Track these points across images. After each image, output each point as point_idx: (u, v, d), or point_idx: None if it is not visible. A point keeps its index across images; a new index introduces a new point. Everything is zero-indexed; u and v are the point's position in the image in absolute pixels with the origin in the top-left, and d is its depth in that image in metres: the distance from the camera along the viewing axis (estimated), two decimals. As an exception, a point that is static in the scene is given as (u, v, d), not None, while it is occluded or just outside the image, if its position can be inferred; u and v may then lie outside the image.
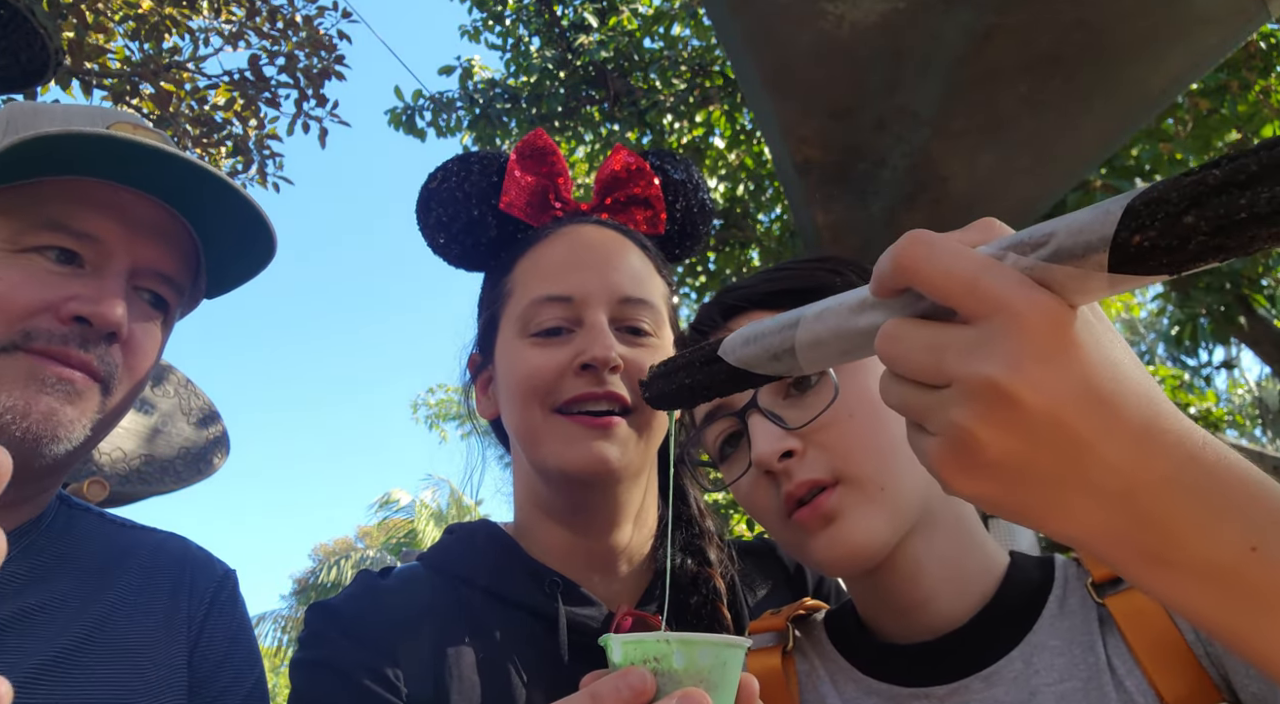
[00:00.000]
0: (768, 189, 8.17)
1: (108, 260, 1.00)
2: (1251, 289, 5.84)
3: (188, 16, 6.27)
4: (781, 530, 0.92)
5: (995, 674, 0.86)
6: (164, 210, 1.06)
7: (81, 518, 1.11)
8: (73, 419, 0.97)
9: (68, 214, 0.99)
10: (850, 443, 0.88)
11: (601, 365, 1.06)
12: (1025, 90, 2.62)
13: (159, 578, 1.09)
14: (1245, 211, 0.38)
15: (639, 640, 0.65)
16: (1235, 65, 5.89)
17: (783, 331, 0.60)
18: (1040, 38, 2.47)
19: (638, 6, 8.66)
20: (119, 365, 1.01)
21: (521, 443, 1.12)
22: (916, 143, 2.82)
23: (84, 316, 0.96)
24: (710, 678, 0.64)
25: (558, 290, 1.10)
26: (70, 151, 0.97)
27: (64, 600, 0.99)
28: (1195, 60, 2.54)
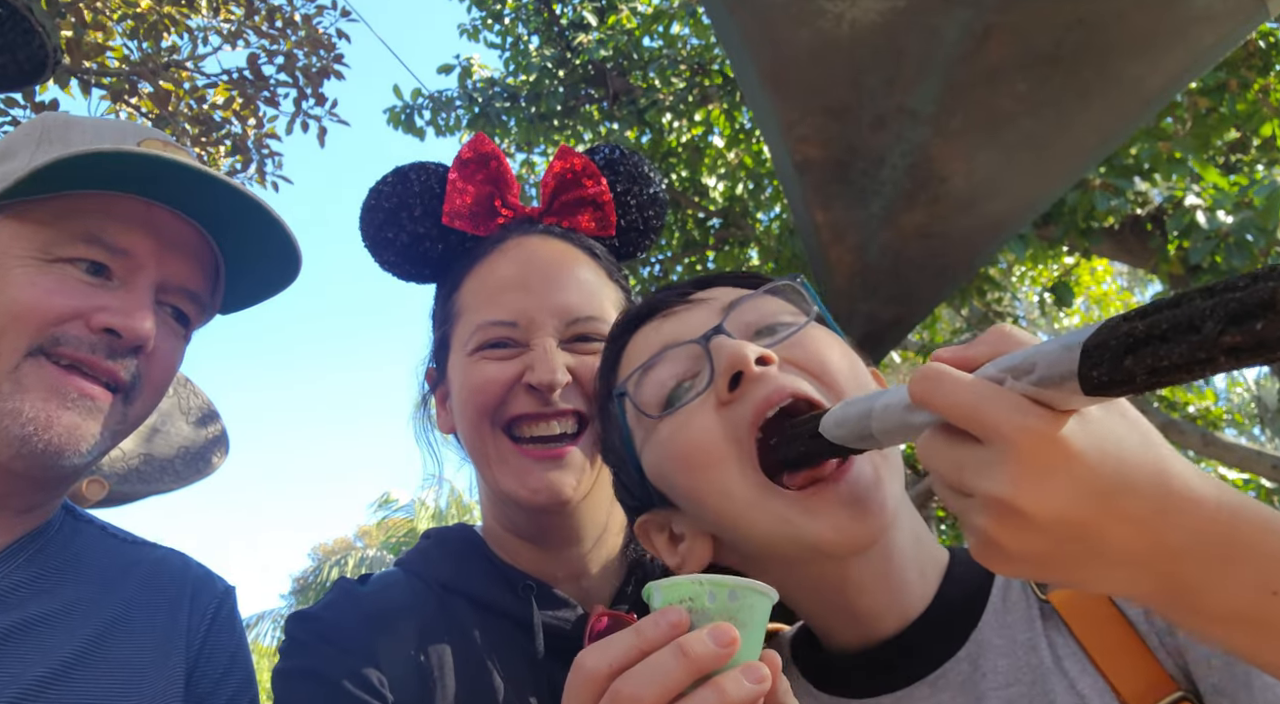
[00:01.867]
0: (767, 188, 8.17)
1: (137, 274, 1.03)
2: (1250, 288, 5.83)
3: (186, 15, 6.27)
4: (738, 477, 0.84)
5: (942, 678, 0.85)
6: (192, 228, 1.09)
7: (85, 529, 1.13)
8: (92, 434, 0.99)
9: (103, 228, 1.01)
10: (826, 357, 0.88)
11: (548, 389, 1.05)
12: (1024, 89, 2.62)
13: (159, 595, 1.10)
14: (1165, 361, 0.48)
15: (675, 583, 0.70)
16: (1234, 64, 5.89)
17: (860, 421, 0.71)
18: (1039, 37, 2.47)
19: (637, 5, 8.65)
20: (142, 377, 1.04)
21: (476, 463, 1.13)
22: (916, 141, 2.82)
23: (114, 328, 0.99)
24: (739, 617, 0.68)
25: (503, 316, 1.09)
26: (106, 167, 1.00)
27: (66, 612, 1.00)
28: (1194, 59, 2.54)
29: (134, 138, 1.08)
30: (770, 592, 0.72)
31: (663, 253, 8.81)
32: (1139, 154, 5.98)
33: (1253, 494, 7.01)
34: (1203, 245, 5.42)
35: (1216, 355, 0.46)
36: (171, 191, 1.05)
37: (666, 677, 0.65)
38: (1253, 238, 5.30)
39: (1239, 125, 6.25)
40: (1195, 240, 5.46)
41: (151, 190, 1.04)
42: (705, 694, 0.64)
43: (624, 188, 1.24)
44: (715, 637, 0.66)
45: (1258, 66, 6.01)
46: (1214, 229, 5.39)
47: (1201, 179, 5.73)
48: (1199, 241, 5.43)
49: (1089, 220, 6.07)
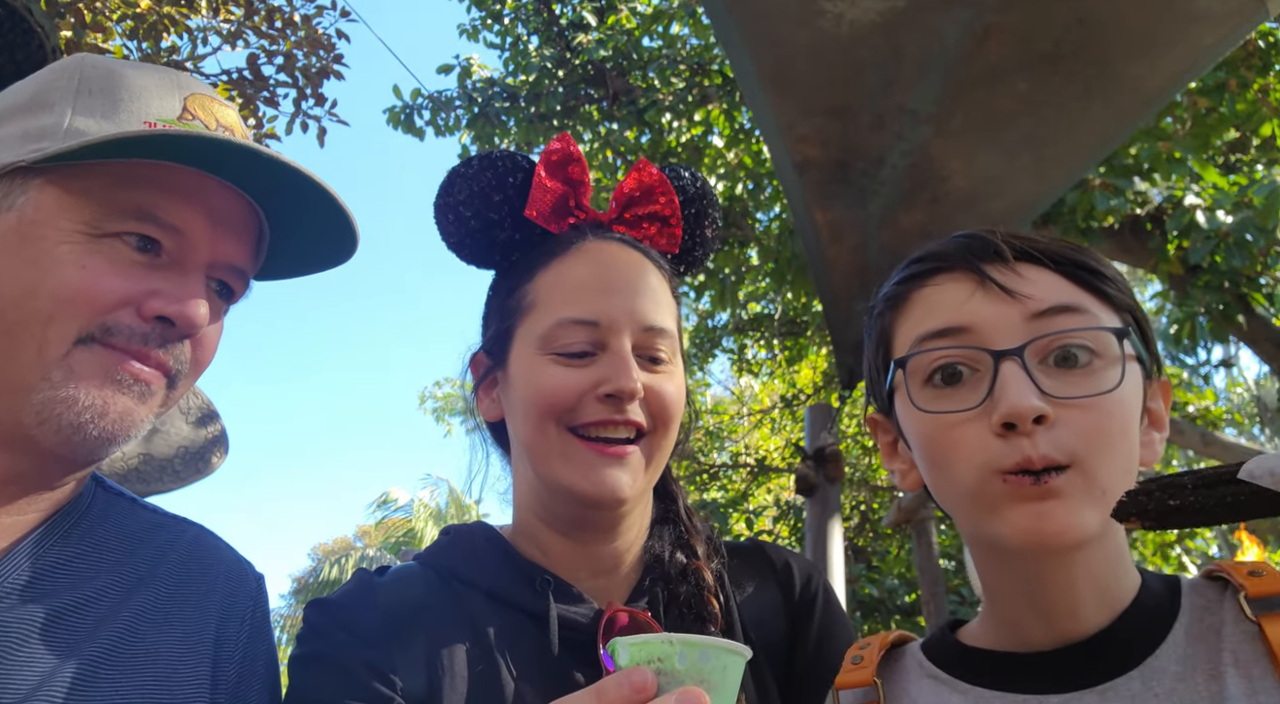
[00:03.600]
0: (766, 187, 8.17)
1: (190, 254, 0.99)
2: (1250, 288, 5.84)
3: (186, 15, 6.27)
4: (978, 481, 0.89)
5: (1111, 690, 0.86)
6: (244, 202, 1.05)
7: (116, 503, 1.09)
8: (143, 418, 0.97)
9: (156, 204, 0.96)
10: (1102, 437, 0.88)
11: (628, 398, 1.08)
12: (1024, 89, 2.62)
13: (188, 586, 1.06)
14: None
15: (644, 642, 0.67)
16: (1234, 64, 5.89)
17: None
18: (1039, 36, 2.47)
19: (636, 5, 8.65)
20: (189, 361, 1.01)
21: (531, 456, 1.13)
22: (915, 141, 2.82)
23: (168, 316, 0.95)
24: (710, 679, 0.65)
25: (584, 314, 1.11)
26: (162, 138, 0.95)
27: (98, 599, 0.97)
28: (1194, 59, 2.54)
29: (179, 92, 1.03)
30: (743, 650, 0.69)
31: (662, 253, 8.79)
32: (1139, 154, 5.98)
33: (1252, 494, 6.94)
34: (1202, 245, 5.42)
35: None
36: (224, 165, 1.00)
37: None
38: (1252, 238, 5.30)
39: (1239, 125, 6.25)
40: (1195, 240, 5.46)
41: (203, 161, 0.99)
42: None
43: (696, 210, 1.28)
44: (683, 702, 0.63)
45: (1258, 66, 6.01)
46: (1213, 229, 5.39)
47: (1201, 179, 5.73)
48: (1199, 241, 5.43)
49: (1089, 220, 6.07)
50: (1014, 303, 0.91)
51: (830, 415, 5.07)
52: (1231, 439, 7.18)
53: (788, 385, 12.73)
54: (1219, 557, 11.88)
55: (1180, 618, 0.90)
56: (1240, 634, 0.85)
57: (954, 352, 0.93)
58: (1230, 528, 10.56)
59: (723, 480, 13.33)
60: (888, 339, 1.02)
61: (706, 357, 10.68)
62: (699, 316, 10.80)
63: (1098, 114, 2.71)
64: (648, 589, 1.15)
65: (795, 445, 12.44)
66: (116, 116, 0.97)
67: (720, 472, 13.44)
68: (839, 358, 4.20)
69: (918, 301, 0.98)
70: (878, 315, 1.04)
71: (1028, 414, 0.85)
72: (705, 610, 1.11)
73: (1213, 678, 0.83)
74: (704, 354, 10.60)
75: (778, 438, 13.98)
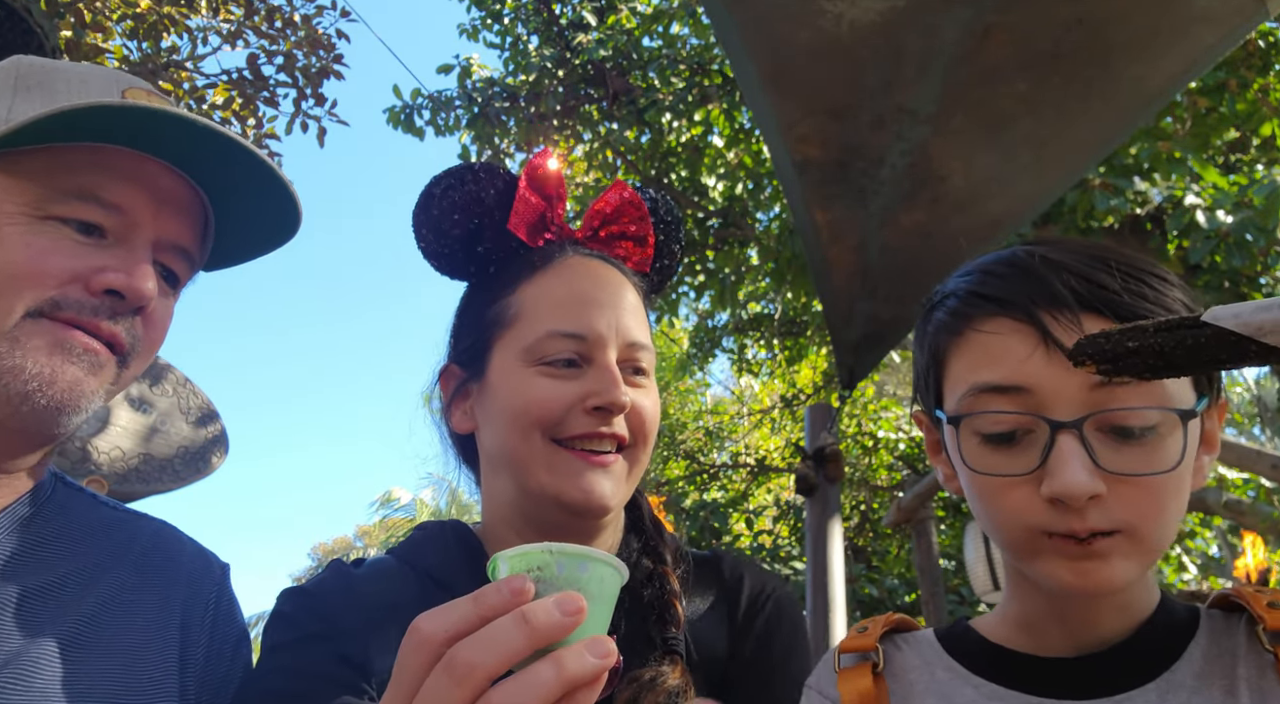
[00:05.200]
0: (766, 187, 8.16)
1: (134, 233, 0.99)
2: (1250, 288, 5.85)
3: (186, 15, 6.27)
4: (1023, 536, 0.89)
5: (1128, 701, 0.87)
6: (184, 182, 1.05)
7: (77, 498, 1.09)
8: (93, 390, 0.96)
9: (97, 184, 0.97)
10: (1153, 508, 0.87)
11: (617, 410, 1.09)
12: (1024, 89, 2.62)
13: (151, 576, 1.06)
14: None
15: (524, 552, 0.67)
16: (1234, 64, 5.89)
17: None
18: (1039, 36, 2.47)
19: (636, 5, 8.65)
20: (139, 339, 1.01)
21: (514, 466, 1.12)
22: (915, 141, 2.82)
23: (117, 289, 0.96)
24: (588, 589, 0.66)
25: (571, 327, 1.12)
26: (98, 118, 0.96)
27: (60, 586, 0.97)
28: (1194, 59, 2.54)
29: (118, 86, 1.04)
30: (622, 568, 0.69)
31: (662, 253, 8.79)
32: (1139, 154, 5.98)
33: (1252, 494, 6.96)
34: (1202, 245, 5.42)
35: None
36: (163, 143, 1.01)
37: (506, 644, 0.62)
38: (1252, 237, 5.30)
39: (1239, 125, 6.25)
40: (1195, 240, 5.45)
41: (142, 142, 1.00)
42: (543, 667, 0.61)
43: (665, 236, 1.30)
44: (561, 606, 0.63)
45: (1258, 66, 6.01)
46: (1214, 229, 5.39)
47: (1201, 179, 5.73)
48: (1199, 241, 5.43)
49: (1089, 220, 6.07)
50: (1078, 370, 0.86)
51: (830, 415, 5.06)
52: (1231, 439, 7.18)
53: (788, 385, 12.74)
54: (1219, 557, 11.88)
55: (1198, 639, 0.91)
56: (1256, 664, 0.86)
57: (1010, 416, 0.89)
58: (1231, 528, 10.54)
59: (723, 480, 13.33)
60: (941, 363, 0.99)
61: (706, 357, 10.67)
62: (699, 317, 10.80)
63: (1098, 114, 2.71)
64: None
65: (795, 445, 12.44)
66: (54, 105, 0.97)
67: (720, 472, 13.44)
68: (839, 358, 4.20)
69: (976, 343, 0.93)
70: (933, 332, 1.00)
71: (1080, 497, 0.84)
72: (669, 614, 1.09)
73: (1229, 693, 0.84)
74: (704, 354, 10.60)
75: (778, 438, 13.98)
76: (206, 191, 1.08)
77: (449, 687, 0.61)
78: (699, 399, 16.08)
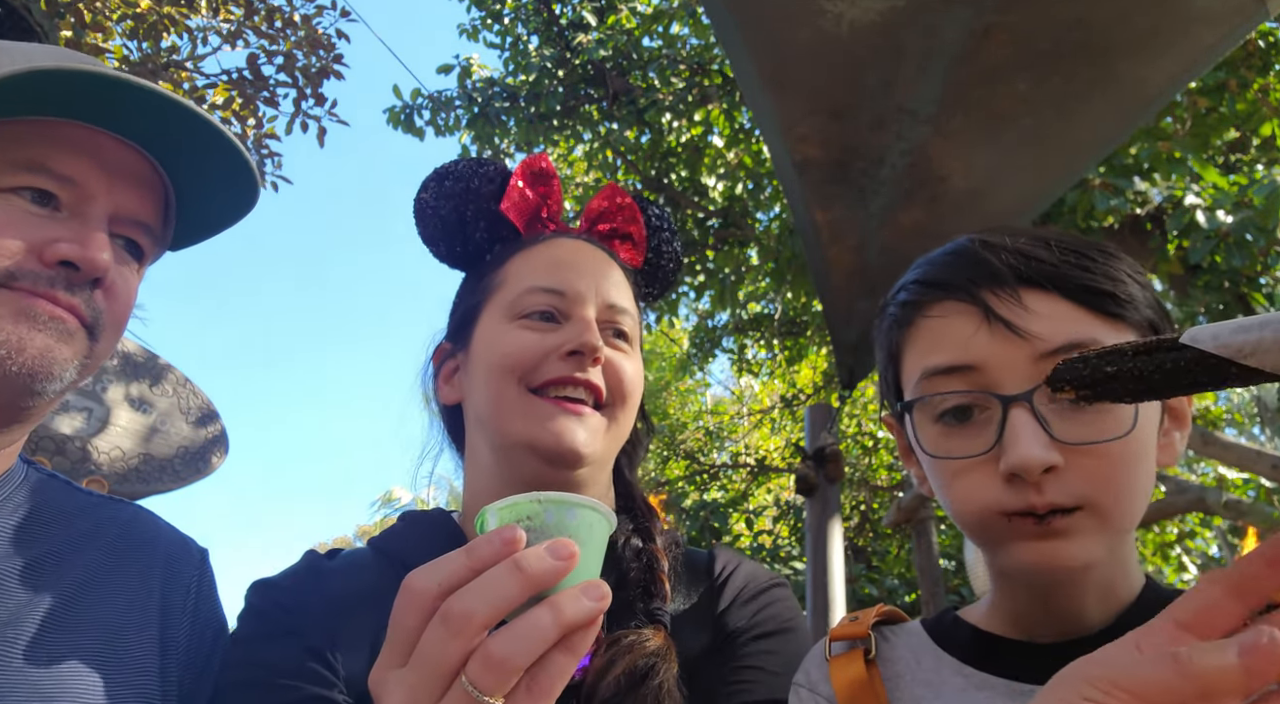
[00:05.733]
0: (766, 187, 8.16)
1: (88, 205, 0.98)
2: (1250, 287, 5.85)
3: (186, 15, 6.27)
4: (984, 520, 0.89)
5: None
6: (139, 156, 1.04)
7: (49, 483, 1.08)
8: (66, 358, 0.94)
9: (47, 156, 0.95)
10: (1115, 479, 0.86)
11: (589, 352, 1.09)
12: (1024, 88, 2.62)
13: (127, 558, 1.05)
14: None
15: (513, 503, 0.67)
16: (1234, 64, 5.89)
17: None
18: (1039, 36, 2.47)
19: (636, 5, 8.65)
20: (103, 312, 0.99)
21: (489, 418, 1.12)
22: (915, 141, 2.82)
23: (71, 260, 0.94)
24: (579, 535, 0.66)
25: (552, 284, 1.14)
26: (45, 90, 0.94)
27: (35, 568, 0.96)
28: (1194, 59, 2.54)
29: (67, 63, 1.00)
30: (610, 516, 0.70)
31: (662, 253, 8.79)
32: (1139, 154, 5.98)
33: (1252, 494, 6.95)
34: (1202, 245, 5.42)
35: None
36: (115, 117, 0.99)
37: (501, 593, 0.62)
38: (1252, 237, 5.30)
39: (1239, 125, 6.25)
40: (1195, 240, 5.46)
41: (94, 116, 0.99)
42: (540, 612, 0.61)
43: (658, 240, 1.34)
44: (553, 551, 0.63)
45: (1258, 66, 6.01)
46: (1214, 229, 5.39)
47: (1201, 179, 5.73)
48: (1199, 241, 5.43)
49: (1089, 220, 6.07)
50: (1021, 342, 0.87)
51: (830, 415, 5.06)
52: (1231, 439, 7.18)
53: (788, 385, 12.74)
54: (1219, 557, 11.88)
55: None
56: None
57: (962, 395, 0.90)
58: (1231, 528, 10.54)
59: (723, 480, 13.34)
60: (897, 358, 1.01)
61: (706, 357, 10.67)
62: (699, 317, 10.80)
63: (1098, 114, 2.71)
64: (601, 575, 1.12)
65: (795, 445, 12.45)
66: None
67: (720, 472, 13.44)
68: (839, 358, 4.20)
69: (924, 330, 0.95)
70: (886, 329, 1.02)
71: (1036, 467, 0.84)
72: (655, 587, 1.08)
73: None
74: (704, 354, 10.60)
75: (778, 438, 13.98)
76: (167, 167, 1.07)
77: (446, 639, 0.61)
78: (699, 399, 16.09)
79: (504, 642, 0.61)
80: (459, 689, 0.61)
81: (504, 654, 0.60)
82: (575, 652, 0.63)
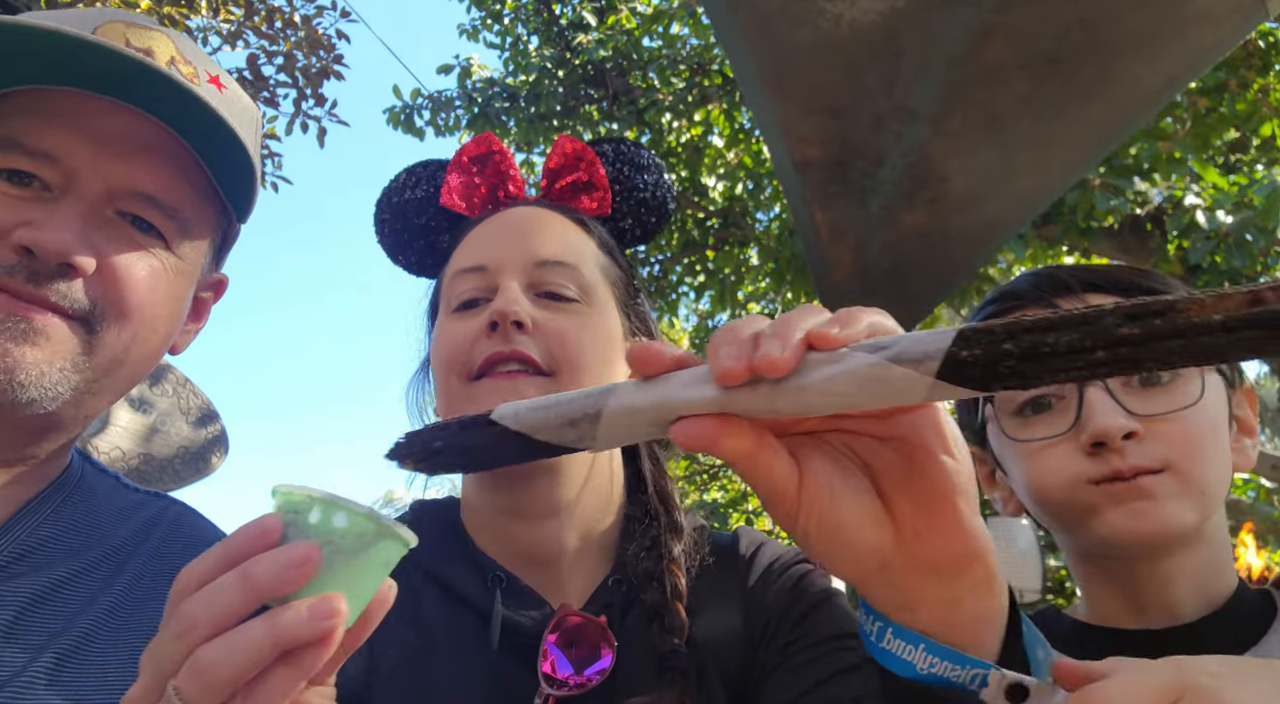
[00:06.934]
0: (766, 187, 8.17)
1: (75, 182, 0.88)
2: (1250, 288, 5.84)
3: (186, 16, 6.26)
4: (1073, 493, 0.95)
5: None
6: (145, 120, 0.92)
7: (102, 479, 1.05)
8: (37, 361, 0.85)
9: (22, 129, 0.86)
10: (1192, 443, 0.93)
11: (501, 319, 1.00)
12: (1024, 89, 2.62)
13: (171, 562, 1.02)
14: (1048, 346, 0.49)
15: (288, 491, 0.62)
16: (1234, 64, 5.89)
17: (589, 398, 0.59)
18: (1039, 36, 2.47)
19: (636, 5, 8.66)
20: (98, 300, 0.89)
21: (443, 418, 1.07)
22: (915, 141, 2.82)
23: (27, 245, 0.84)
24: (340, 543, 0.60)
25: (473, 261, 1.09)
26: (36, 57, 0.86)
27: (90, 571, 0.94)
28: (1194, 59, 2.54)
29: (90, 24, 0.90)
30: (399, 532, 0.62)
31: (662, 253, 8.81)
32: (1139, 154, 5.98)
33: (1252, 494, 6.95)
34: (1202, 245, 5.42)
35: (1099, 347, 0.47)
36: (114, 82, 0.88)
37: (225, 599, 0.56)
38: (1252, 237, 5.30)
39: (1239, 125, 6.25)
40: (1195, 240, 5.46)
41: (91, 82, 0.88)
42: (255, 624, 0.56)
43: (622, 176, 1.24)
44: (288, 558, 0.57)
45: (1257, 66, 6.01)
46: (1213, 229, 5.40)
47: (1201, 179, 5.73)
48: (1199, 241, 5.43)
49: (1089, 220, 6.07)
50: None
51: (830, 415, 5.05)
52: (1231, 439, 7.17)
53: (788, 385, 12.72)
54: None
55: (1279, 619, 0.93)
56: None
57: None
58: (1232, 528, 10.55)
59: (723, 480, 13.33)
60: None
61: (706, 357, 10.66)
62: (699, 317, 10.80)
63: (1098, 114, 2.71)
64: (611, 589, 1.05)
65: (795, 445, 12.41)
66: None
67: (720, 471, 13.44)
68: (839, 358, 4.19)
69: None
70: None
71: (1116, 432, 0.91)
72: (672, 620, 0.99)
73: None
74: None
75: (778, 438, 13.97)
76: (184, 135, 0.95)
77: (170, 640, 0.58)
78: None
79: (212, 649, 0.56)
80: (169, 695, 0.57)
81: (209, 662, 0.56)
82: (301, 668, 0.58)
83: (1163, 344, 0.46)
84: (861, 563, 0.61)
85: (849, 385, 0.53)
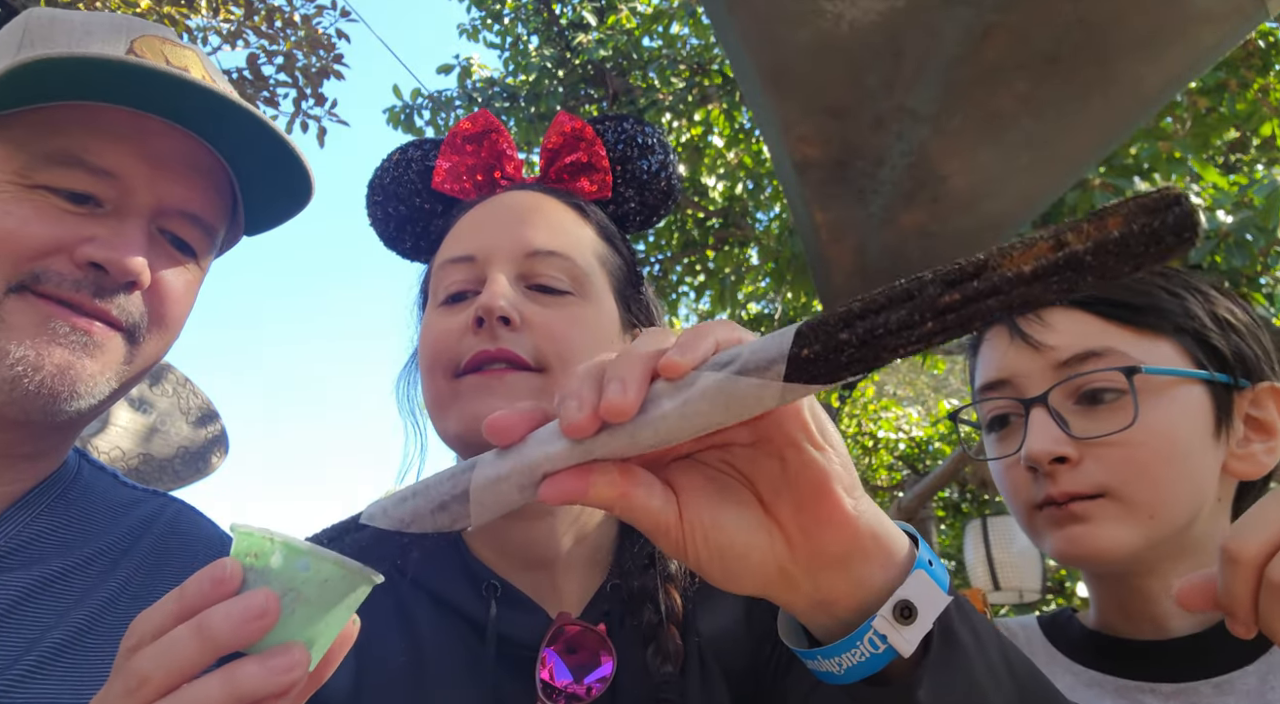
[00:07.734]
0: (766, 187, 8.16)
1: (129, 199, 0.92)
2: (1250, 288, 5.85)
3: (186, 15, 6.26)
4: (1025, 515, 1.00)
5: (1228, 684, 0.89)
6: (193, 141, 0.97)
7: (99, 476, 1.06)
8: (93, 373, 0.89)
9: (84, 147, 0.90)
10: (1134, 466, 0.92)
11: (487, 315, 0.95)
12: (1024, 89, 2.62)
13: (169, 559, 1.02)
14: (881, 327, 0.49)
15: (249, 533, 0.59)
16: (1234, 64, 5.89)
17: (454, 478, 0.58)
18: (1039, 36, 2.47)
19: (636, 5, 8.66)
20: (145, 314, 0.94)
21: (431, 417, 1.04)
22: (915, 141, 2.82)
23: (99, 263, 0.89)
24: (303, 590, 0.57)
25: (461, 251, 1.03)
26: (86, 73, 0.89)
27: (84, 568, 0.94)
28: (1194, 59, 2.53)
29: (127, 35, 0.95)
30: (364, 573, 0.59)
31: (662, 252, 8.81)
32: (1139, 154, 5.98)
33: None
34: (1202, 245, 5.42)
35: (927, 318, 0.48)
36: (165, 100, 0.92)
37: (179, 654, 0.54)
38: (1252, 237, 5.30)
39: (1239, 125, 6.25)
40: (1195, 240, 5.45)
41: (143, 100, 0.91)
42: (209, 681, 0.54)
43: (624, 157, 1.20)
44: (244, 610, 0.54)
45: (1258, 66, 6.01)
46: (1214, 229, 5.39)
47: (1201, 179, 5.73)
48: (1199, 241, 5.43)
49: (1089, 220, 6.06)
50: (1041, 353, 0.98)
51: (830, 415, 5.06)
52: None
53: (788, 385, 12.71)
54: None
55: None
56: None
57: (999, 404, 1.04)
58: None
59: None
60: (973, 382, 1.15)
61: (706, 356, 10.65)
62: (699, 317, 10.80)
63: (1098, 114, 2.71)
64: (610, 595, 1.01)
65: (795, 445, 12.40)
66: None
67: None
68: (839, 358, 4.19)
69: (980, 354, 1.10)
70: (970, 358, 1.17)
71: (1043, 458, 0.94)
72: (666, 646, 0.94)
73: None
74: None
75: (778, 438, 13.95)
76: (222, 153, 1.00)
77: (119, 696, 0.55)
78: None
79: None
80: None
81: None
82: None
83: (984, 304, 0.47)
84: (761, 574, 0.60)
85: (705, 406, 0.53)
